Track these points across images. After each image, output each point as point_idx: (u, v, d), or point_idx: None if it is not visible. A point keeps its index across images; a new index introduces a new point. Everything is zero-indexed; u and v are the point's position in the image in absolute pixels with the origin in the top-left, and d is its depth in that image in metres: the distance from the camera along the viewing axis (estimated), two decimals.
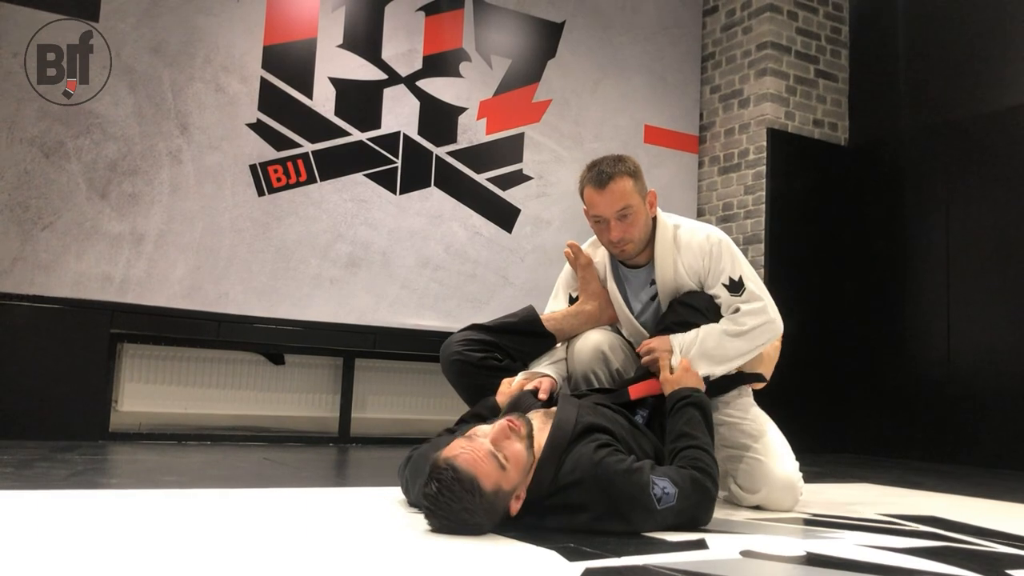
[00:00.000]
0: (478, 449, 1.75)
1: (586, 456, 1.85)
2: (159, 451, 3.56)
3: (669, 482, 1.86)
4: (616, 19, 5.37)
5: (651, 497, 1.82)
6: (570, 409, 2.03)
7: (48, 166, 3.82)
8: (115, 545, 1.56)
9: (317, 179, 4.39)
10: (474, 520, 1.73)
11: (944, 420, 4.71)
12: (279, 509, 2.11)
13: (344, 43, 4.53)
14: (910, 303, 5.00)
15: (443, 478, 1.70)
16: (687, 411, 2.13)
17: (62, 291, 3.81)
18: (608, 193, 2.35)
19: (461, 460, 1.72)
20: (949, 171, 4.87)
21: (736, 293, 2.38)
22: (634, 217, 2.37)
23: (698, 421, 2.11)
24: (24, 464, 2.78)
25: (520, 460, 1.79)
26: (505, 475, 1.75)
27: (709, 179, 5.58)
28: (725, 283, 2.39)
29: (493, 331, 2.47)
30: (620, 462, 1.85)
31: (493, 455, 1.75)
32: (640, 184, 2.40)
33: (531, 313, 2.53)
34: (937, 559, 1.73)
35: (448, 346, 2.44)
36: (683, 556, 1.64)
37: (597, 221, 2.41)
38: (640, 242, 2.43)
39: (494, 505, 1.74)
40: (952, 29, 4.97)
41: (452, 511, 1.71)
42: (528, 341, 2.49)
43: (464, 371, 2.40)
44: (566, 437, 1.90)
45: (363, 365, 4.58)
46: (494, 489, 1.73)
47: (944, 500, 2.93)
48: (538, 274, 4.85)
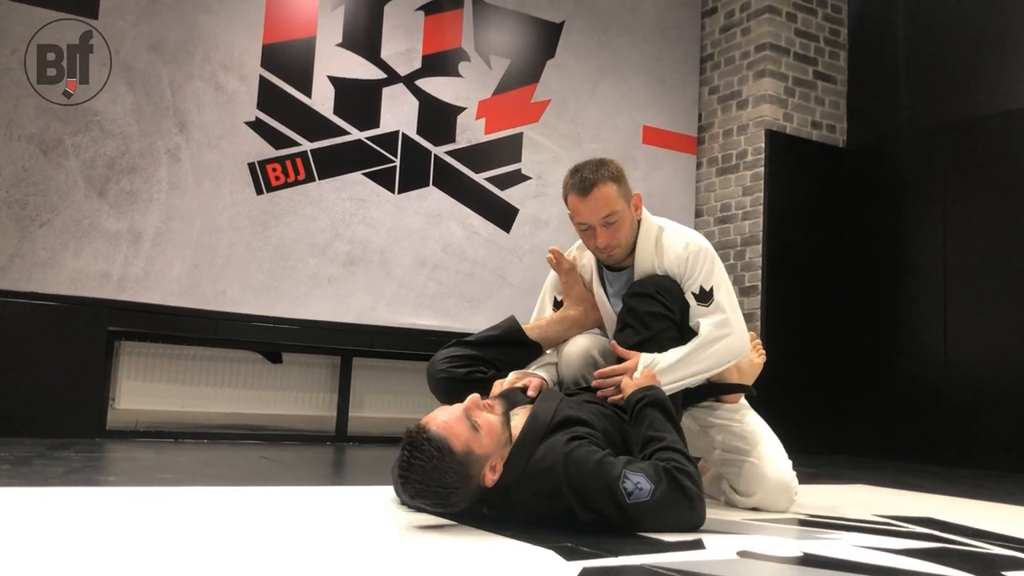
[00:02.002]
0: (450, 414, 1.81)
1: (558, 445, 1.86)
2: (156, 449, 3.56)
3: (644, 478, 1.82)
4: (615, 20, 5.38)
5: (621, 491, 1.79)
6: (550, 401, 2.05)
7: (46, 163, 3.81)
8: (112, 543, 1.56)
9: (316, 178, 4.39)
10: (447, 481, 1.75)
11: (941, 422, 4.72)
12: (276, 507, 2.11)
13: (343, 42, 4.53)
14: (907, 305, 5.01)
15: (415, 441, 1.75)
16: (646, 413, 2.06)
17: (60, 288, 3.80)
18: (592, 200, 2.31)
19: (432, 424, 1.78)
20: (947, 173, 4.88)
21: (704, 303, 2.35)
22: (619, 223, 2.35)
23: (660, 420, 2.04)
24: (21, 461, 2.78)
25: (494, 429, 1.84)
26: (476, 437, 1.79)
27: (707, 180, 5.58)
28: (695, 291, 2.36)
29: (476, 345, 2.45)
30: (591, 454, 1.85)
31: (464, 418, 1.81)
32: (624, 188, 2.37)
33: (512, 324, 2.51)
34: (933, 560, 1.74)
35: (433, 364, 2.42)
36: (680, 556, 1.64)
37: (583, 228, 2.39)
38: (627, 246, 2.42)
39: (466, 467, 1.77)
40: (951, 32, 4.98)
41: (424, 472, 1.74)
42: (513, 352, 2.46)
43: (451, 387, 2.39)
44: (543, 426, 1.92)
45: (361, 364, 4.58)
46: (465, 450, 1.76)
47: (940, 501, 2.93)
48: (536, 274, 4.84)
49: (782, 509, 2.39)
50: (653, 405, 2.08)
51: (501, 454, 1.85)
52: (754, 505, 2.40)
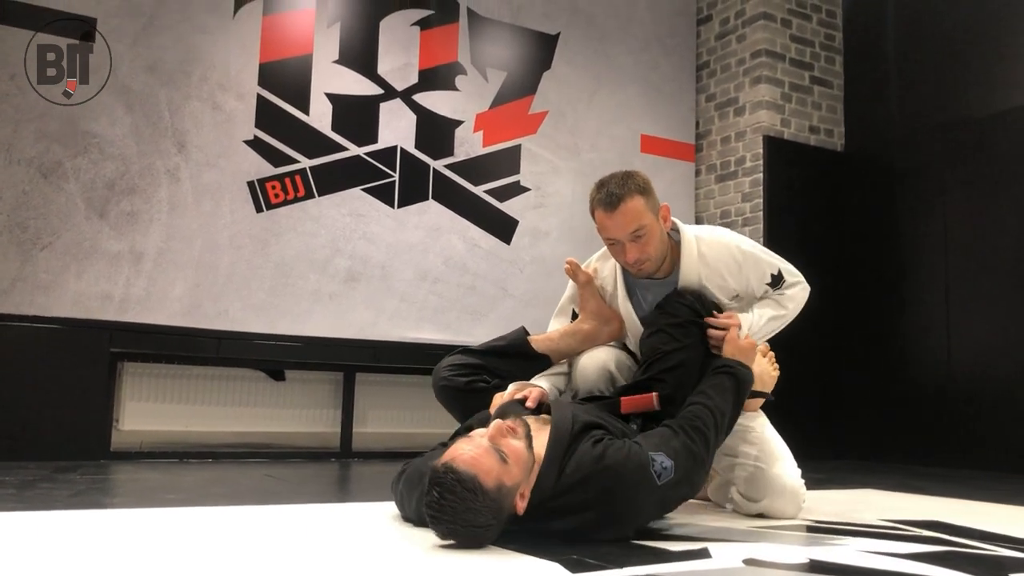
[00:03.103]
0: (477, 447, 1.74)
1: (587, 454, 1.85)
2: (161, 469, 3.56)
3: (664, 455, 1.87)
4: (610, 30, 5.39)
5: (652, 475, 1.83)
6: (565, 410, 2.04)
7: (46, 186, 3.83)
8: (119, 565, 1.56)
9: (315, 194, 4.40)
10: (480, 520, 1.69)
11: (945, 424, 4.71)
12: (282, 525, 2.11)
13: (340, 59, 4.55)
14: (909, 307, 5.01)
15: (444, 481, 1.67)
16: (721, 377, 2.18)
17: (62, 311, 3.81)
18: (619, 215, 2.29)
19: (459, 461, 1.70)
20: (945, 175, 4.88)
21: (779, 284, 2.53)
22: (648, 236, 2.32)
23: (725, 388, 2.15)
24: (26, 485, 2.78)
25: (521, 457, 1.78)
26: (507, 469, 1.73)
27: (706, 187, 5.59)
28: (768, 282, 2.52)
29: (481, 354, 2.46)
30: (619, 450, 1.85)
31: (493, 450, 1.74)
32: (652, 200, 2.34)
33: (519, 336, 2.51)
34: (940, 564, 1.73)
35: (437, 371, 2.44)
36: (686, 565, 1.64)
37: (612, 243, 2.37)
38: (658, 259, 2.39)
39: (499, 503, 1.72)
40: (944, 33, 4.99)
41: (457, 513, 1.67)
42: (518, 363, 2.46)
43: (452, 396, 2.40)
44: (567, 438, 1.90)
45: (363, 379, 4.58)
46: (496, 485, 1.70)
47: (947, 504, 2.93)
48: (537, 285, 4.85)
49: (790, 516, 2.38)
50: (732, 376, 2.20)
51: (528, 482, 1.80)
52: (761, 511, 2.39)
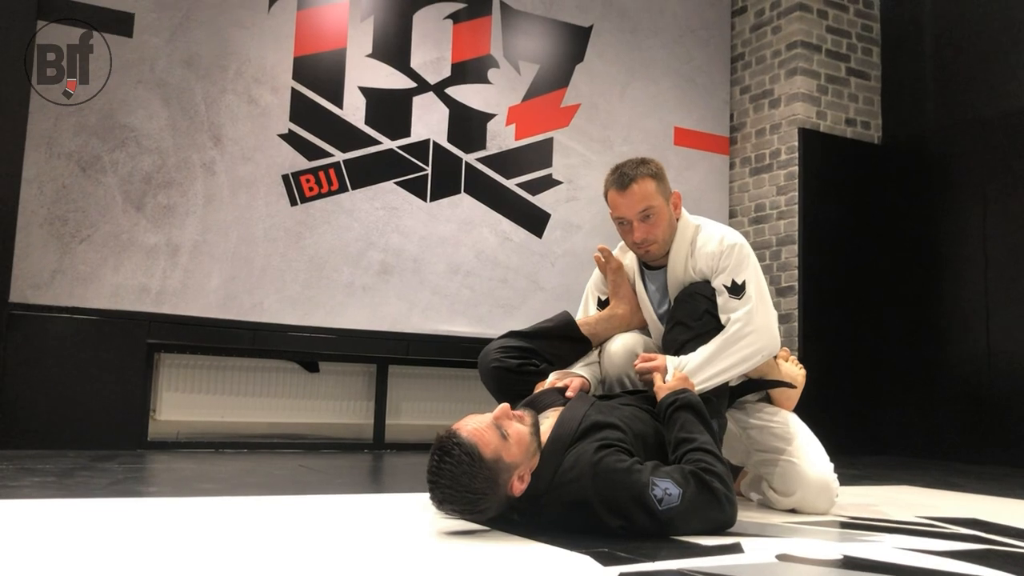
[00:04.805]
0: (480, 422, 1.83)
1: (586, 454, 1.86)
2: (197, 459, 3.60)
3: (672, 483, 1.83)
4: (643, 22, 5.36)
5: (651, 498, 1.80)
6: (579, 407, 2.05)
7: (85, 180, 3.88)
8: (156, 553, 1.59)
9: (349, 188, 4.43)
10: (475, 487, 1.76)
11: (984, 420, 4.64)
12: (315, 516, 2.13)
13: (373, 52, 4.56)
14: (948, 301, 4.93)
15: (444, 446, 1.78)
16: (678, 415, 2.07)
17: (100, 303, 3.87)
18: (630, 194, 2.36)
19: (463, 430, 1.80)
20: (985, 168, 4.80)
21: (736, 296, 2.35)
22: (656, 218, 2.38)
23: (691, 421, 2.05)
24: (65, 473, 2.83)
25: (523, 439, 1.85)
26: (506, 446, 1.81)
27: (741, 180, 5.54)
28: (726, 284, 2.37)
29: (529, 337, 2.48)
30: (620, 462, 1.85)
31: (494, 426, 1.83)
32: (663, 186, 2.41)
33: (567, 318, 2.54)
34: (977, 562, 1.71)
35: (486, 354, 2.46)
36: (718, 560, 1.63)
37: (621, 223, 2.43)
38: (664, 243, 2.44)
39: (495, 474, 1.78)
40: (983, 24, 4.90)
41: (453, 476, 1.76)
42: (564, 346, 2.49)
43: (503, 377, 2.42)
44: (569, 434, 1.92)
45: (396, 372, 4.61)
46: (494, 456, 1.78)
47: (985, 502, 2.88)
48: (569, 278, 4.84)
49: (822, 511, 2.36)
50: (684, 408, 2.09)
51: (530, 464, 1.86)
52: (793, 505, 2.37)
